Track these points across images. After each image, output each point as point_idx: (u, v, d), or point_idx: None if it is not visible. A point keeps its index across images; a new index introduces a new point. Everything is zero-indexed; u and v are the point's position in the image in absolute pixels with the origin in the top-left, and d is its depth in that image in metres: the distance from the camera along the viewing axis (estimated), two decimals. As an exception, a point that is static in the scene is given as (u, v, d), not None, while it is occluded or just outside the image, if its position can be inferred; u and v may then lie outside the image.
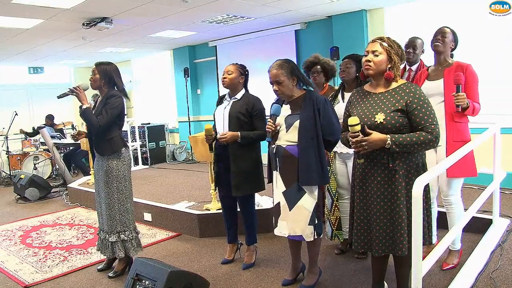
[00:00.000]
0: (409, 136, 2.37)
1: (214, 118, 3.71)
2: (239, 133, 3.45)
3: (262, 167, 3.63)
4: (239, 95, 3.59)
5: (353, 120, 2.44)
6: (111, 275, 3.67)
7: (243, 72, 3.62)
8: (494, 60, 5.52)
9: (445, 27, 3.22)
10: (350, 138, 2.48)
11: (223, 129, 3.56)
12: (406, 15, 6.34)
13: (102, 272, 3.79)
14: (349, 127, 2.46)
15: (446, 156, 3.04)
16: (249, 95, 3.62)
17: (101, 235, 3.72)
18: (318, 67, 3.95)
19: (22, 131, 9.59)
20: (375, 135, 2.39)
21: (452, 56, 3.26)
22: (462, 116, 3.08)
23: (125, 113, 3.71)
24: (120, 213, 3.60)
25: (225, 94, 3.72)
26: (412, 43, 3.94)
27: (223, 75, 3.62)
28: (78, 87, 3.55)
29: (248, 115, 3.51)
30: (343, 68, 3.55)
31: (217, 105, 3.75)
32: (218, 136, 3.54)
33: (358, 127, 2.44)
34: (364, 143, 2.39)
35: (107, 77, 3.57)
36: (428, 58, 3.78)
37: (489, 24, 5.40)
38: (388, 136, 2.36)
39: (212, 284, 3.32)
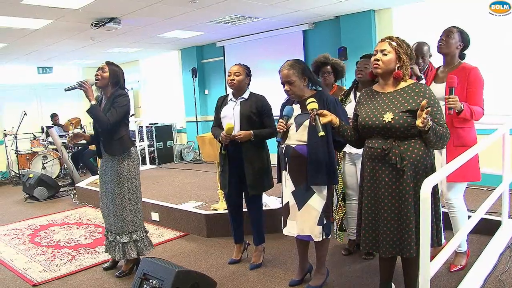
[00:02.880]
0: (440, 128, 2.37)
1: (220, 119, 3.69)
2: (252, 131, 3.48)
3: (271, 165, 3.66)
4: (246, 95, 3.61)
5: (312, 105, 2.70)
6: (118, 274, 3.68)
7: (248, 72, 3.64)
8: (495, 60, 5.49)
9: (452, 27, 3.16)
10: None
11: (234, 129, 3.56)
12: (414, 15, 6.32)
13: (109, 271, 3.81)
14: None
15: (447, 162, 3.01)
16: (257, 95, 3.65)
17: (110, 237, 3.70)
18: (329, 67, 3.93)
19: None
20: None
21: (463, 57, 3.20)
22: (463, 121, 3.01)
23: (132, 113, 3.71)
24: (131, 213, 3.59)
25: (227, 95, 3.73)
26: (420, 52, 3.73)
27: (229, 76, 3.61)
28: (86, 82, 3.48)
29: (258, 114, 3.55)
30: (361, 68, 3.47)
31: (221, 106, 3.72)
32: (233, 134, 3.50)
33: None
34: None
35: (116, 78, 3.56)
36: (436, 59, 3.75)
37: (489, 24, 5.37)
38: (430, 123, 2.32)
39: (219, 284, 3.33)
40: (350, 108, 3.31)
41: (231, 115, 3.59)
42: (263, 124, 3.57)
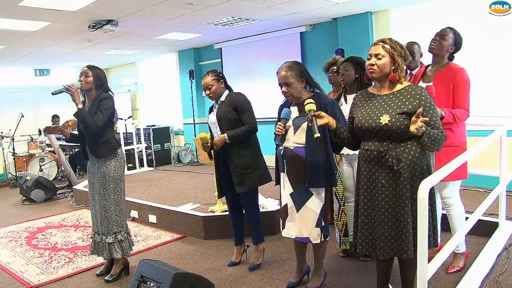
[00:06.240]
0: (435, 131, 2.36)
1: (209, 127, 3.78)
2: (225, 135, 3.51)
3: (263, 159, 3.68)
4: (223, 97, 3.65)
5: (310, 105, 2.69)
6: (108, 279, 3.66)
7: (219, 77, 3.66)
8: (494, 60, 5.50)
9: (448, 28, 3.16)
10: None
11: (216, 134, 3.62)
12: (412, 17, 6.33)
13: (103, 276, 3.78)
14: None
15: (435, 161, 3.03)
16: (232, 93, 3.69)
17: (97, 238, 3.71)
18: (334, 67, 4.00)
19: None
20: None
21: (452, 58, 3.21)
22: (449, 122, 3.02)
23: (129, 115, 3.74)
24: (116, 214, 3.63)
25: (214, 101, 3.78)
26: (410, 51, 3.75)
27: (205, 91, 3.68)
28: (72, 85, 3.48)
29: (235, 111, 3.57)
30: (342, 72, 3.59)
31: (209, 113, 3.82)
32: (209, 141, 3.62)
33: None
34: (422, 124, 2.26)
35: (100, 81, 3.59)
36: (427, 58, 3.78)
37: (489, 24, 5.38)
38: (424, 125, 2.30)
39: (217, 286, 3.33)
40: (341, 111, 3.33)
41: (214, 120, 3.66)
42: (242, 120, 3.58)
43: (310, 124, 2.67)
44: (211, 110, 3.80)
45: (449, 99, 3.05)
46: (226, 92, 3.69)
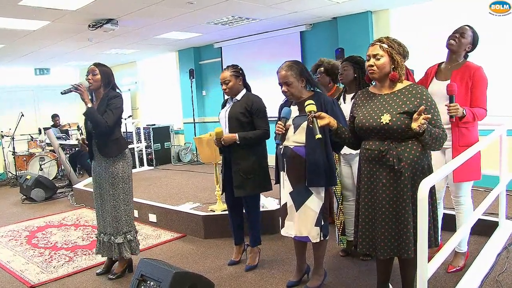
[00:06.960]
0: (436, 130, 2.37)
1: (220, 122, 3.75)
2: (236, 135, 3.47)
3: (267, 167, 3.63)
4: (239, 96, 3.60)
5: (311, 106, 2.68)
6: (111, 277, 3.67)
7: (238, 74, 3.60)
8: (494, 60, 5.48)
9: (467, 25, 3.14)
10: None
11: (225, 131, 3.58)
12: (412, 17, 6.32)
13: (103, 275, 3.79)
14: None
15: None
16: (250, 94, 3.62)
17: (103, 238, 3.68)
18: (322, 68, 4.03)
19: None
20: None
21: (466, 57, 3.18)
22: (466, 120, 3.02)
23: (129, 114, 3.72)
24: (126, 213, 3.62)
25: (229, 97, 3.75)
26: None
27: (222, 85, 3.62)
28: (81, 84, 3.46)
29: (248, 114, 3.52)
30: (341, 71, 3.60)
31: (222, 108, 3.78)
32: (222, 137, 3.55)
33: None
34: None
35: (107, 79, 3.56)
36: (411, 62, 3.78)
37: (489, 24, 5.37)
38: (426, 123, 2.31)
39: (217, 285, 3.33)
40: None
41: (224, 117, 3.63)
42: (254, 125, 3.53)
43: (311, 125, 2.67)
44: (224, 104, 3.76)
45: (467, 98, 3.04)
46: (244, 91, 3.62)
